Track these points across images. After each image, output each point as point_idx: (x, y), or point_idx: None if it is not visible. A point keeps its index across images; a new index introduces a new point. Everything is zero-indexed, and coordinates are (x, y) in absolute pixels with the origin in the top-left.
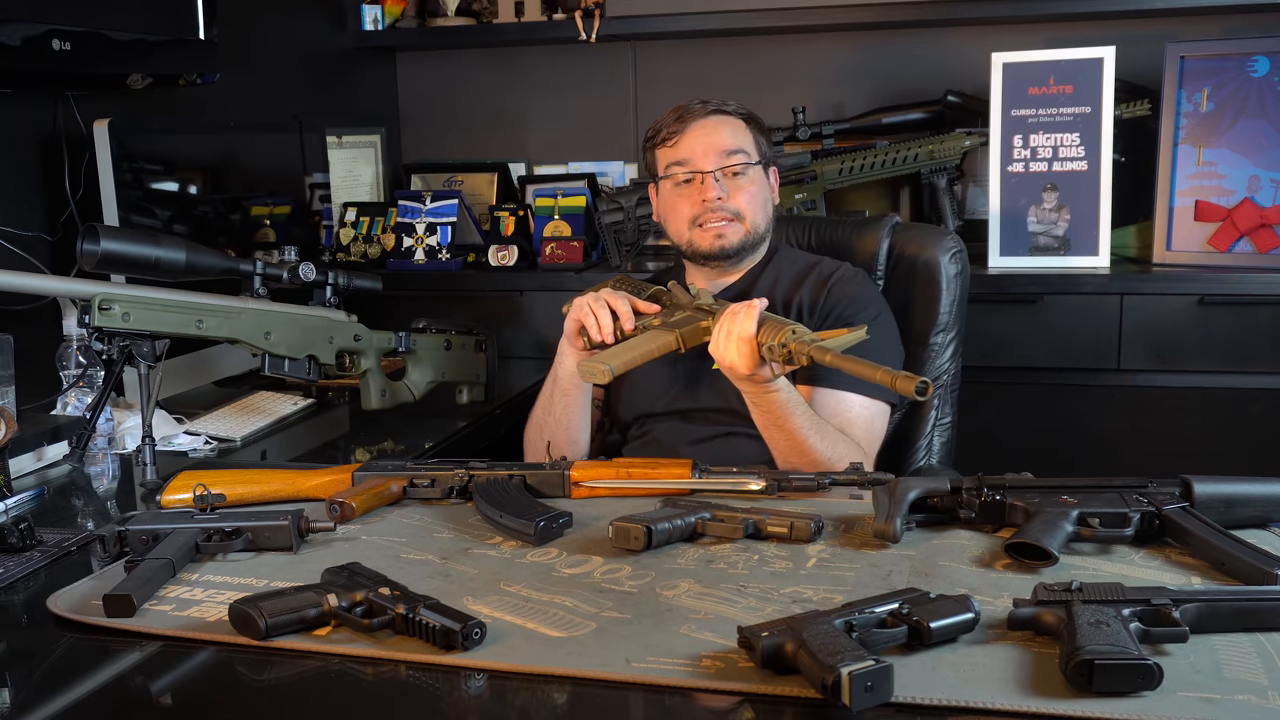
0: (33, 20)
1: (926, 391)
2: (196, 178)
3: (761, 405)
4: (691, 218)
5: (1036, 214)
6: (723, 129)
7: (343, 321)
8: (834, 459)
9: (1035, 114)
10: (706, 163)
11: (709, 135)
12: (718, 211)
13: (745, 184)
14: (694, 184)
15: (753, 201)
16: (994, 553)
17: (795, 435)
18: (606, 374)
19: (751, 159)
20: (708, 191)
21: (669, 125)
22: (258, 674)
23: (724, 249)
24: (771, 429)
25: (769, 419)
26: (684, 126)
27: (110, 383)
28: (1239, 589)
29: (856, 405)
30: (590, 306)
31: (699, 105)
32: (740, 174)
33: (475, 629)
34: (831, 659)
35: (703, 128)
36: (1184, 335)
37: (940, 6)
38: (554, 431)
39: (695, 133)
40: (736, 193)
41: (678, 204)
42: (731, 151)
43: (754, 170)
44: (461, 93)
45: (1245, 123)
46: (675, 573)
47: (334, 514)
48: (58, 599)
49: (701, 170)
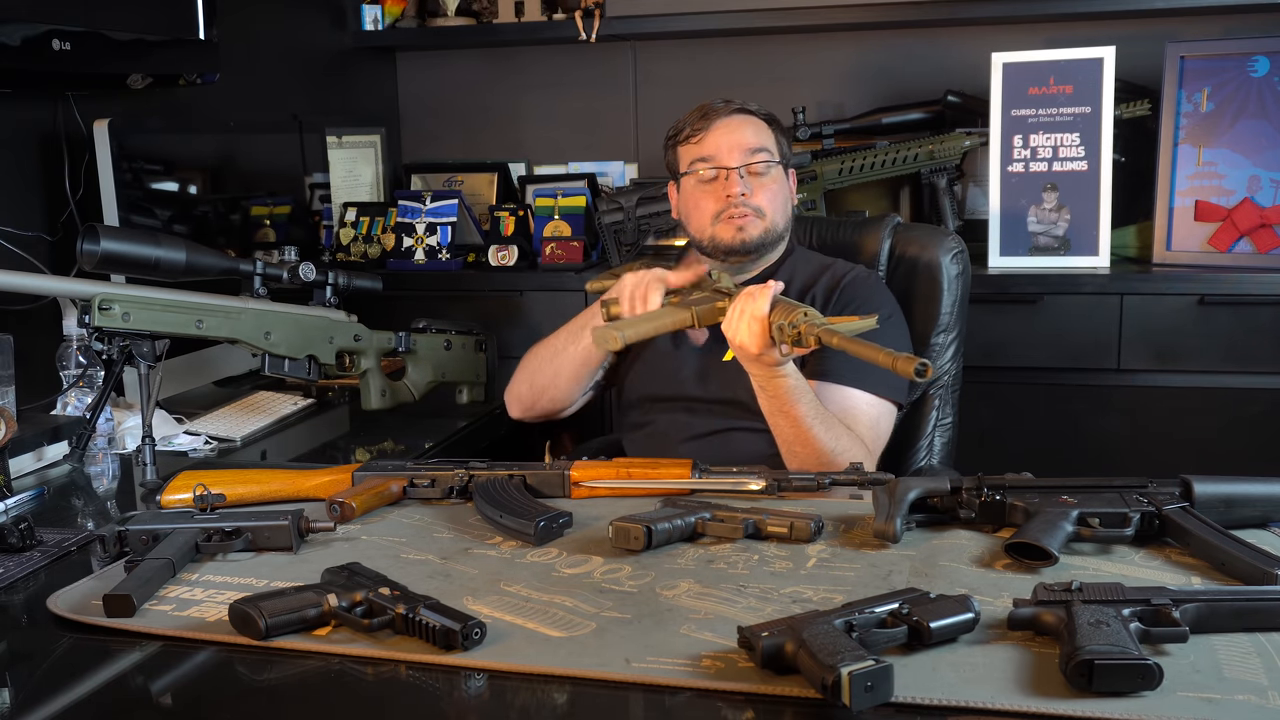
0: (33, 20)
1: (926, 373)
2: (196, 178)
3: (769, 390)
4: (715, 213)
5: (1036, 214)
6: (746, 127)
7: (343, 321)
8: (837, 451)
9: (1035, 114)
10: (731, 159)
11: (734, 133)
12: (740, 207)
13: (768, 182)
14: (718, 180)
15: (774, 200)
16: (994, 553)
17: (800, 424)
18: (619, 340)
19: (774, 158)
20: (732, 187)
21: (693, 123)
22: (258, 674)
23: (745, 242)
24: (777, 415)
25: (775, 404)
26: (709, 124)
27: (110, 383)
28: (1239, 589)
29: (863, 402)
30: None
31: (723, 104)
32: (763, 172)
33: (475, 629)
34: (831, 659)
35: (727, 125)
36: (1184, 335)
37: (940, 6)
38: (549, 378)
39: (720, 130)
40: (759, 190)
41: (701, 200)
42: (756, 149)
43: (776, 170)
44: (461, 93)
45: (1245, 123)
46: (675, 573)
47: (334, 514)
48: (58, 599)
49: (726, 166)
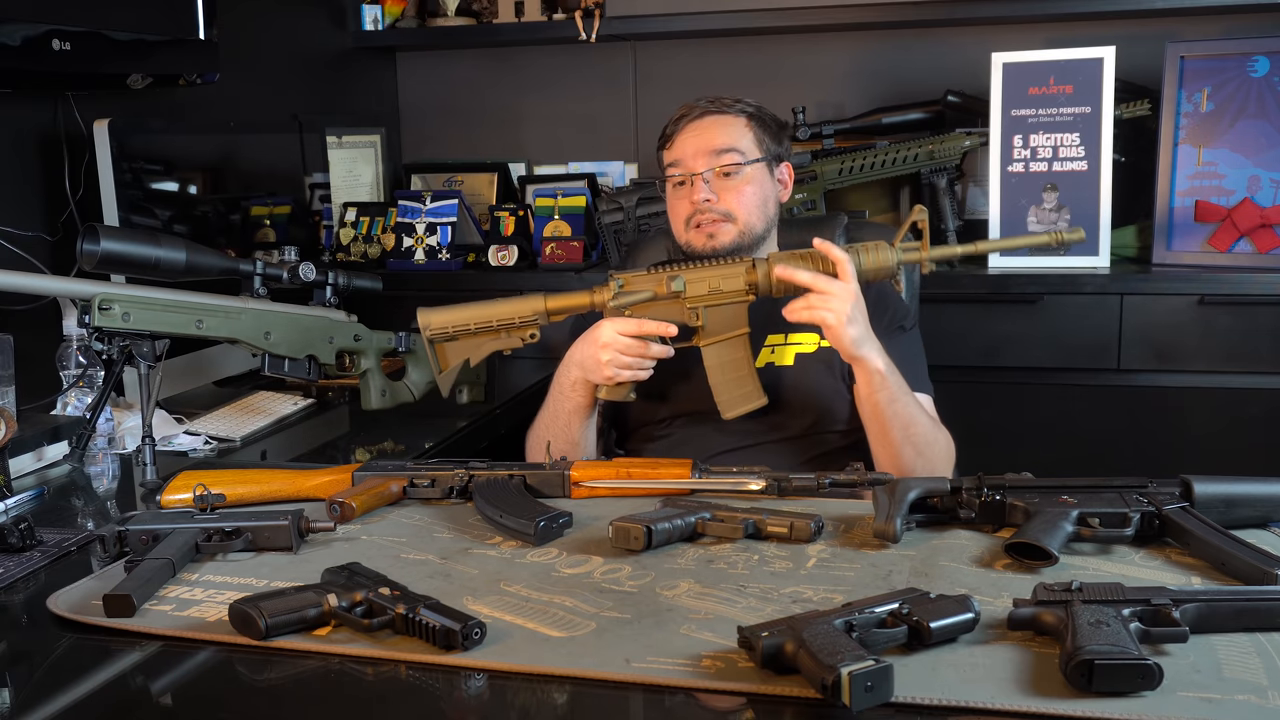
0: (33, 20)
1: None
2: (196, 178)
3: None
4: (686, 218)
5: (1036, 214)
6: (715, 129)
7: (343, 321)
8: (937, 438)
9: (1035, 114)
10: (696, 164)
11: (699, 136)
12: (708, 213)
13: (738, 184)
14: (686, 185)
15: (745, 202)
16: (994, 553)
17: (900, 408)
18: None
19: (747, 157)
20: (696, 194)
21: (668, 127)
22: (258, 674)
23: (715, 250)
24: (884, 406)
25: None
26: (678, 128)
27: (110, 383)
28: (1239, 589)
29: (928, 404)
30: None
31: (706, 103)
32: (732, 174)
33: (475, 629)
34: (831, 659)
35: (694, 129)
36: (1184, 335)
37: (940, 6)
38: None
39: (687, 134)
40: (727, 193)
41: (675, 205)
42: (722, 151)
43: (750, 169)
44: (461, 93)
45: (1245, 123)
46: (675, 573)
47: (334, 514)
48: (58, 599)
49: (691, 172)
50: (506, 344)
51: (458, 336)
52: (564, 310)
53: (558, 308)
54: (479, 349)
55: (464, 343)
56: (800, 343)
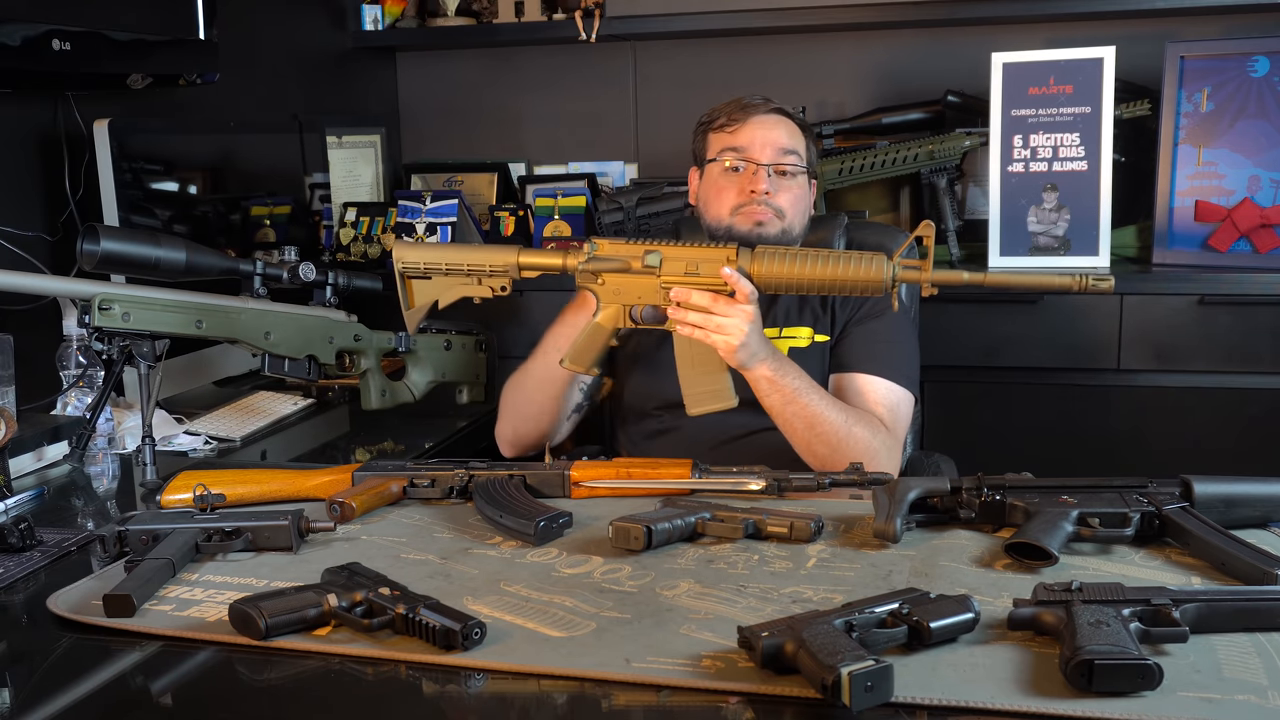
0: (33, 20)
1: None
2: (196, 178)
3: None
4: (735, 205)
5: (1036, 214)
6: (781, 127)
7: (343, 321)
8: (854, 434)
9: (1035, 114)
10: (763, 155)
11: (768, 130)
12: (762, 205)
13: (793, 185)
14: (744, 173)
15: (795, 204)
16: (994, 553)
17: (806, 409)
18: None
19: (802, 164)
20: (758, 183)
21: (730, 112)
22: (258, 674)
23: (761, 237)
24: (784, 408)
25: (776, 396)
26: (746, 116)
27: (110, 383)
28: (1239, 589)
29: (881, 387)
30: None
31: (762, 100)
32: (790, 175)
33: (475, 629)
34: (831, 659)
35: (763, 122)
36: (1184, 335)
37: (940, 6)
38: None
39: (755, 124)
40: (783, 191)
41: (724, 189)
42: (787, 150)
43: (803, 176)
44: (461, 93)
45: (1245, 123)
46: (675, 573)
47: (334, 514)
48: (58, 599)
49: (756, 162)
50: (476, 292)
51: (430, 275)
52: (536, 267)
53: (530, 264)
54: (448, 291)
55: (435, 282)
56: (794, 336)
